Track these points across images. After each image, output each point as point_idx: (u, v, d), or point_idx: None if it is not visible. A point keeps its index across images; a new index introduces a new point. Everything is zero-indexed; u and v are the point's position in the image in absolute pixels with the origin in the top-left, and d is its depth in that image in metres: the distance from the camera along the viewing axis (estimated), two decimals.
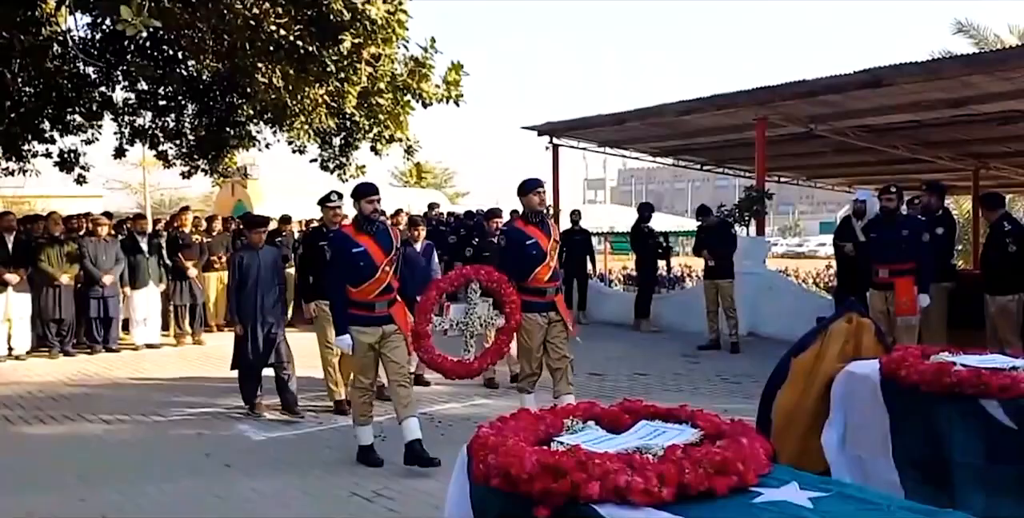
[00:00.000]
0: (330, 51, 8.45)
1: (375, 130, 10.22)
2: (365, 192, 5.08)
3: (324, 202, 6.44)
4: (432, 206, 14.02)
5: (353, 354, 5.10)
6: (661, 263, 12.55)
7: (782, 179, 16.10)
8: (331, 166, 11.23)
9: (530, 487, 2.10)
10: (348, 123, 10.35)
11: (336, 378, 6.66)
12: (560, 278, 5.70)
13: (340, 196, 6.37)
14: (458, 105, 9.64)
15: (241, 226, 12.49)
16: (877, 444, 3.42)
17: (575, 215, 12.27)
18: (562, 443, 2.35)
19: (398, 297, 5.16)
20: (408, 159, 11.05)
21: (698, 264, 11.47)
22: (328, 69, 8.61)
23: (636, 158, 14.68)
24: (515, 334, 5.44)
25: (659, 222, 14.41)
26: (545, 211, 5.78)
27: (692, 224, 14.57)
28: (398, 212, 13.18)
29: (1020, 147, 11.76)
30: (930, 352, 3.63)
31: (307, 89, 8.97)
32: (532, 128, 12.88)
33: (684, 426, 2.54)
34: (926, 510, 2.08)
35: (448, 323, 5.26)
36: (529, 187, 5.51)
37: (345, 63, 8.67)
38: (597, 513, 2.02)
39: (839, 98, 9.10)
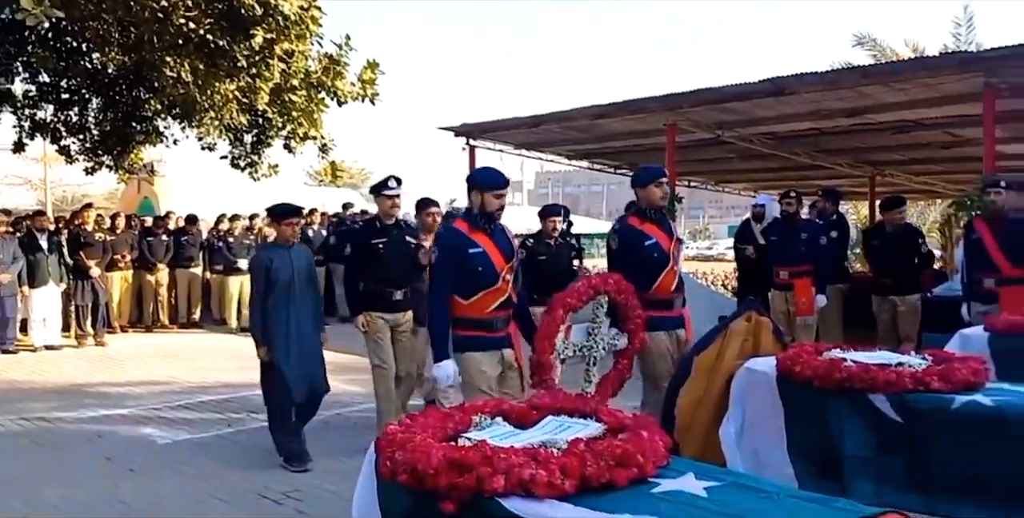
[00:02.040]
0: (241, 46, 8.30)
1: (288, 127, 10.09)
2: (494, 183, 4.04)
3: (381, 189, 5.49)
4: (347, 206, 13.90)
5: (469, 390, 3.93)
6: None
7: (692, 183, 16.50)
8: (242, 164, 11.02)
9: (436, 482, 2.13)
10: (260, 120, 10.18)
11: (390, 407, 5.42)
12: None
13: (400, 182, 5.50)
14: (374, 104, 9.61)
15: (218, 221, 12.08)
16: (773, 437, 3.56)
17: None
18: (469, 439, 2.39)
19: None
20: (323, 158, 10.93)
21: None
22: (239, 64, 8.46)
23: (552, 161, 14.83)
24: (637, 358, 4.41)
25: (575, 224, 14.57)
26: (667, 207, 4.73)
27: (607, 226, 14.81)
28: (312, 212, 13.05)
29: (913, 155, 12.36)
30: (823, 349, 3.79)
31: (217, 84, 8.79)
32: (449, 129, 12.88)
33: (589, 421, 2.61)
34: (815, 497, 2.20)
35: (572, 348, 4.05)
36: (649, 176, 4.51)
37: (257, 58, 8.54)
38: (502, 506, 2.07)
39: (744, 106, 9.39)
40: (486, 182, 4.04)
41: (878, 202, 8.70)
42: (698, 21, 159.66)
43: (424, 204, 6.16)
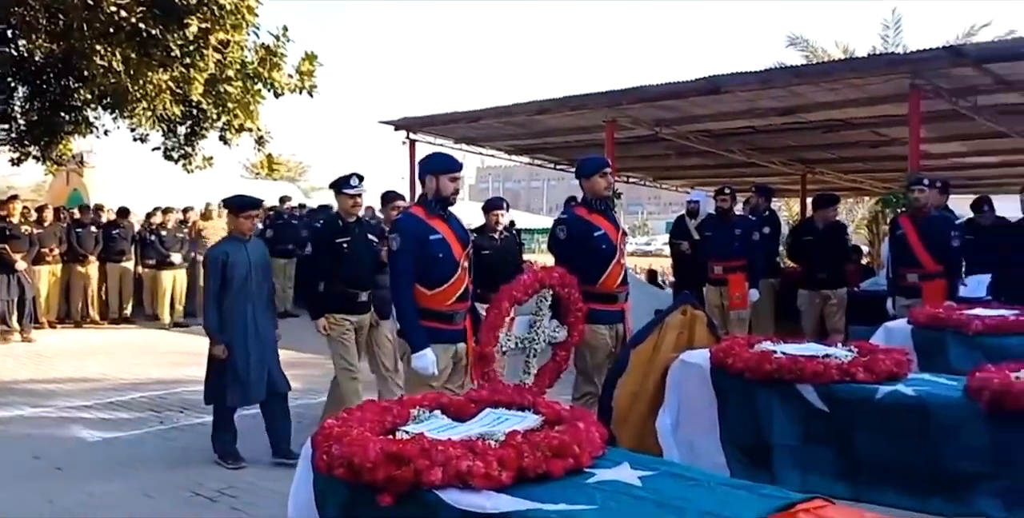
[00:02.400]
0: (175, 35, 8.13)
1: (224, 119, 9.91)
2: (448, 166, 3.96)
3: (342, 187, 5.31)
4: (283, 199, 13.69)
5: (415, 383, 3.84)
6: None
7: (631, 179, 16.70)
8: (176, 156, 10.78)
9: (373, 475, 2.13)
10: (195, 111, 9.97)
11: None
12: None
13: (361, 179, 5.33)
14: (312, 96, 9.51)
15: (150, 214, 11.74)
16: (706, 428, 3.64)
17: None
18: (407, 432, 2.40)
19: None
20: (259, 150, 10.77)
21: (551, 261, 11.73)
22: (173, 54, 8.28)
23: (492, 156, 14.85)
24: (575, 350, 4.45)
25: (515, 219, 14.63)
26: (612, 197, 4.83)
27: (547, 221, 14.91)
28: None
29: (842, 154, 12.72)
30: (755, 341, 3.89)
31: (150, 74, 8.58)
32: (389, 123, 12.80)
33: (527, 413, 2.64)
34: (744, 485, 2.27)
35: (514, 340, 4.08)
36: (593, 167, 4.54)
37: (191, 48, 8.37)
38: (439, 498, 2.08)
39: (682, 103, 9.54)
40: (440, 166, 3.97)
41: (811, 199, 8.93)
42: (638, 19, 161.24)
43: (389, 198, 5.95)
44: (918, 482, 3.13)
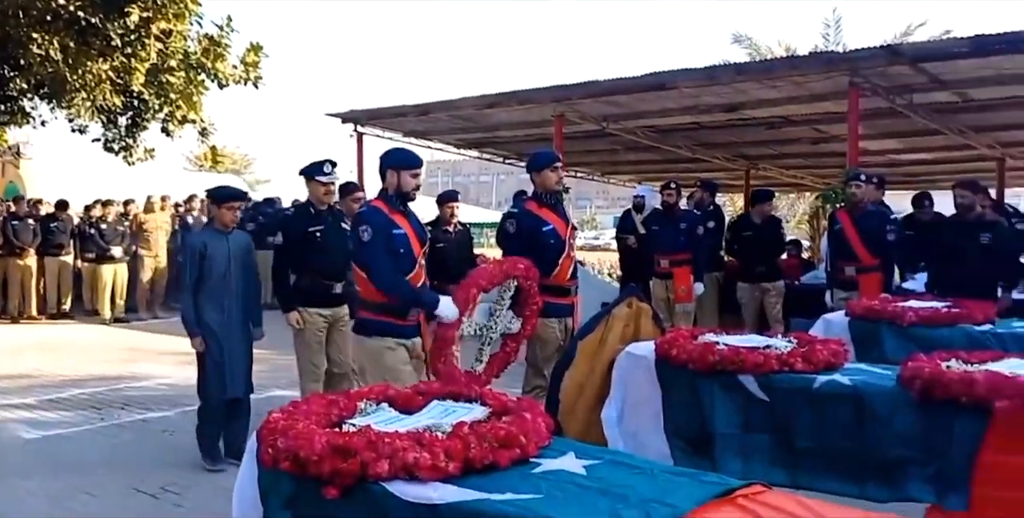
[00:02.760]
0: (115, 24, 7.94)
1: (166, 110, 9.71)
2: (410, 162, 3.98)
3: (315, 174, 5.12)
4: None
5: (370, 378, 3.85)
6: None
7: (579, 174, 16.81)
8: (116, 147, 10.53)
9: (319, 468, 2.13)
10: (136, 101, 9.75)
11: None
12: None
13: (335, 165, 5.16)
14: (257, 87, 9.39)
15: (90, 207, 11.39)
16: (650, 418, 3.70)
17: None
18: (354, 425, 2.40)
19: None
20: (203, 142, 10.58)
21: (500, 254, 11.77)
22: (113, 43, 8.09)
23: (441, 150, 14.81)
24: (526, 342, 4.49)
25: (465, 213, 14.63)
26: (562, 191, 4.80)
27: (496, 216, 14.94)
28: (191, 198, 12.62)
29: (784, 150, 12.98)
30: (698, 333, 3.97)
31: (89, 63, 8.37)
32: (336, 115, 12.68)
33: (474, 405, 2.66)
34: (686, 472, 2.32)
35: (473, 327, 4.08)
36: (544, 161, 4.55)
37: (132, 37, 8.19)
38: (386, 490, 2.09)
39: (629, 99, 9.64)
40: (403, 161, 3.98)
41: (750, 194, 9.10)
42: (587, 15, 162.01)
43: (349, 189, 5.87)
44: (853, 468, 3.21)
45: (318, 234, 5.13)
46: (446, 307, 3.81)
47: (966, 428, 2.89)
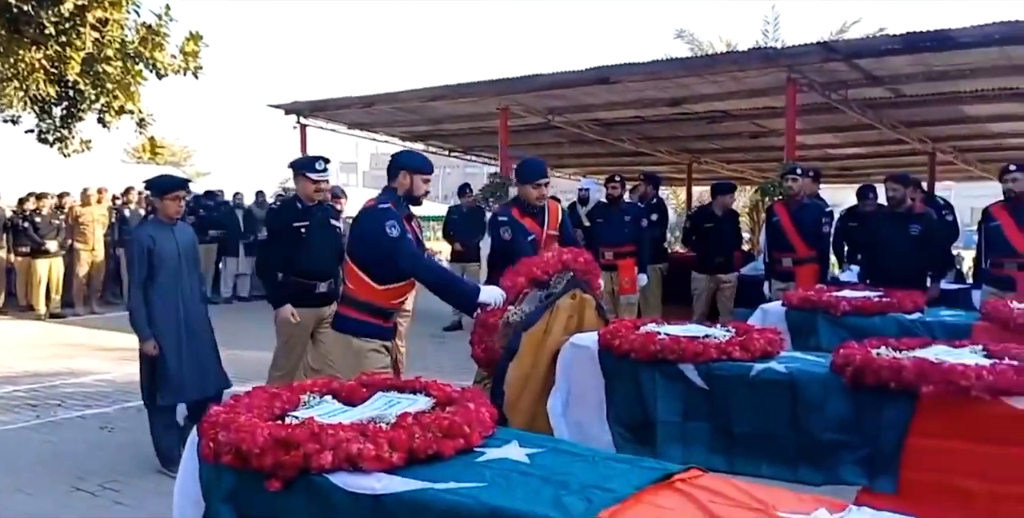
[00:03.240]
0: (49, 12, 7.69)
1: (102, 100, 9.42)
2: (425, 167, 3.94)
3: (306, 170, 4.99)
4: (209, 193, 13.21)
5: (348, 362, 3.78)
6: None
7: None
8: (51, 139, 10.19)
9: (262, 461, 2.13)
10: (71, 92, 9.45)
11: None
12: None
13: (327, 162, 5.06)
14: (197, 77, 9.18)
15: (23, 200, 11.03)
16: (594, 408, 3.75)
17: None
18: (296, 417, 2.40)
19: None
20: (141, 133, 10.30)
21: (445, 248, 11.76)
22: (47, 31, 7.84)
23: (386, 142, 14.73)
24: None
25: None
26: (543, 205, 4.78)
27: (442, 209, 14.91)
28: (128, 190, 12.34)
29: (725, 144, 13.22)
30: (640, 324, 4.04)
31: (21, 52, 8.10)
32: (279, 107, 12.52)
33: (418, 396, 2.67)
34: (627, 458, 2.38)
35: (519, 315, 3.94)
36: (529, 176, 4.64)
37: (67, 26, 7.94)
38: (329, 481, 2.09)
39: (573, 92, 9.72)
40: (419, 165, 3.92)
41: (709, 186, 9.18)
42: (532, 8, 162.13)
43: (334, 194, 5.78)
44: (788, 453, 3.31)
45: (303, 230, 4.97)
46: (489, 293, 3.79)
47: (895, 413, 3.00)
